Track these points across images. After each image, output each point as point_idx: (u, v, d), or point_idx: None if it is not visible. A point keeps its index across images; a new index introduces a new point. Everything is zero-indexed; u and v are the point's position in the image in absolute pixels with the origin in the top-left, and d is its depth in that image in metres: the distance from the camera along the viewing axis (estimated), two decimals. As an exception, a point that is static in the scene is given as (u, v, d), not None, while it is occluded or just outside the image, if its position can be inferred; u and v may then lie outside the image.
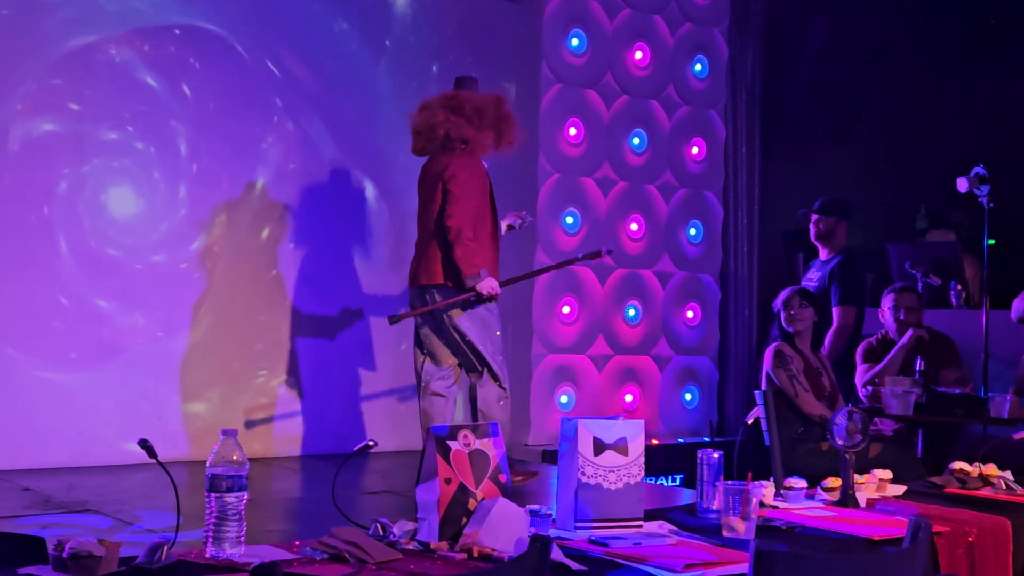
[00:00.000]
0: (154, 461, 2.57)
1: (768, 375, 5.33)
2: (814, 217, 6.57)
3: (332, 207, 6.59)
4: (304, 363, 6.45)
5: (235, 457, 2.43)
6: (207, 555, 2.40)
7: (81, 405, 5.75)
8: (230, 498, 2.41)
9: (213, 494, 2.41)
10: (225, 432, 2.46)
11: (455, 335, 5.27)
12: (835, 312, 6.42)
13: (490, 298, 5.21)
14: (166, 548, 2.32)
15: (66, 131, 5.73)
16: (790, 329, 5.39)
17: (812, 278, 6.57)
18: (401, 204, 6.60)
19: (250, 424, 6.17)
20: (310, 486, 5.70)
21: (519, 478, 5.14)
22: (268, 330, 6.34)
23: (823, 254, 6.62)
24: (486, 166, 5.39)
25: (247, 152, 6.29)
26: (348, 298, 6.62)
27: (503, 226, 5.50)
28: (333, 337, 6.56)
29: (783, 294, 5.51)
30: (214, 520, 2.41)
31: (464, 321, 5.23)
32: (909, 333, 5.97)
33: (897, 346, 5.98)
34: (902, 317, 6.05)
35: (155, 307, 6.00)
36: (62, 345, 5.73)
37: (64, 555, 2.22)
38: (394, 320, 5.36)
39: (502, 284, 5.31)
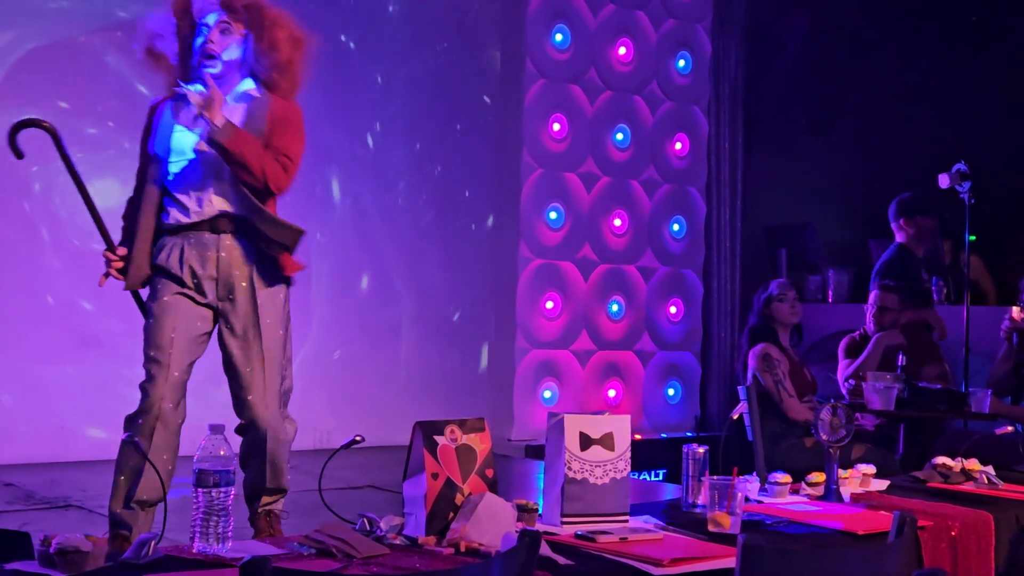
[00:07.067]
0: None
1: (755, 376, 5.34)
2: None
3: (302, 197, 6.55)
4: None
5: (222, 452, 2.43)
6: (194, 550, 2.40)
7: (61, 400, 5.71)
8: (217, 493, 2.41)
9: (200, 489, 2.41)
10: (212, 427, 2.46)
11: None
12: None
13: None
14: (153, 543, 2.32)
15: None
16: (790, 320, 5.42)
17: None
18: (381, 200, 6.57)
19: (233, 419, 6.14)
20: (296, 481, 5.68)
21: None
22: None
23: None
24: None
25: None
26: (331, 292, 6.59)
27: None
28: (315, 330, 6.53)
29: (777, 283, 5.53)
30: (201, 515, 2.41)
31: None
32: (877, 336, 5.97)
33: (869, 346, 5.98)
34: (877, 315, 6.07)
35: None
36: (42, 340, 5.70)
37: (51, 550, 2.21)
38: None
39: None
